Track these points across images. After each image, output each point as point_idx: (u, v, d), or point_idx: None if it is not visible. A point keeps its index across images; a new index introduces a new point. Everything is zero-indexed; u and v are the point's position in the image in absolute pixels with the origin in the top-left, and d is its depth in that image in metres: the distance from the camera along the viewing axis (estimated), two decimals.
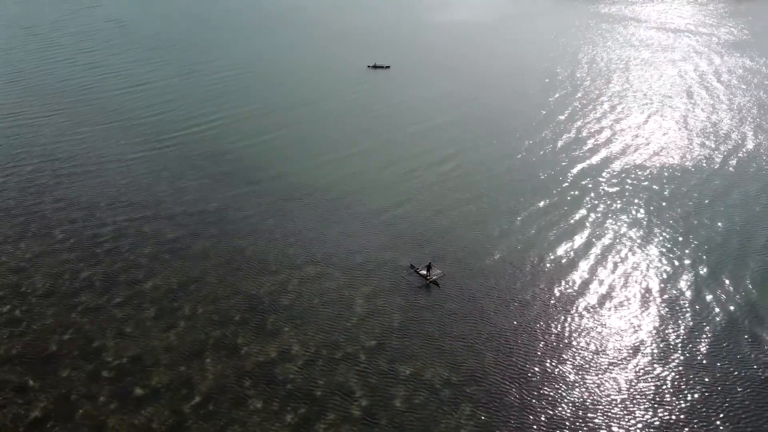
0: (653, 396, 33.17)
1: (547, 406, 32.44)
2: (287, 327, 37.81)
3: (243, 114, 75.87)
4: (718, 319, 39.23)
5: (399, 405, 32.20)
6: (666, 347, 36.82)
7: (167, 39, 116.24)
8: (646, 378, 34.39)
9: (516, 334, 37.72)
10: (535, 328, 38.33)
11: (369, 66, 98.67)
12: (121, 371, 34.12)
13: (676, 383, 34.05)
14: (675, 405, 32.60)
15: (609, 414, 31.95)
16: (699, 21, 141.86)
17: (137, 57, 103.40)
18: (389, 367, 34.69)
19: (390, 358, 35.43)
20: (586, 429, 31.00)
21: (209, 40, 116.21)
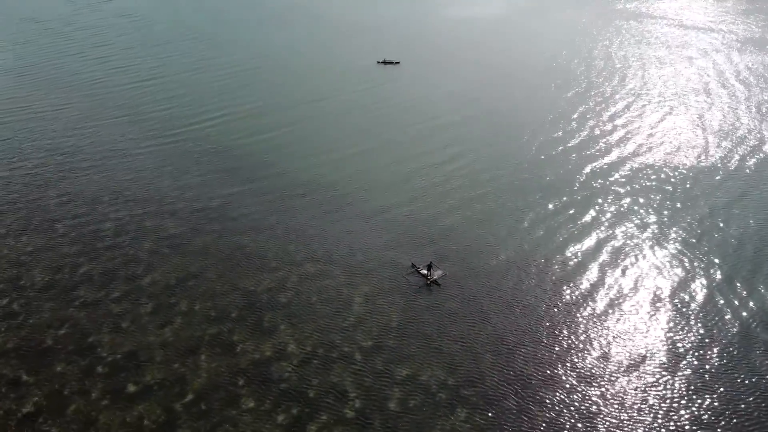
0: (659, 405, 32.17)
1: (546, 411, 31.61)
2: (284, 325, 37.34)
3: (250, 110, 75.46)
4: (730, 327, 38.02)
5: (393, 407, 31.58)
6: (674, 355, 35.73)
7: (179, 33, 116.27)
8: (652, 386, 33.38)
9: (517, 336, 36.88)
10: (538, 331, 37.43)
11: (379, 62, 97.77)
12: (116, 367, 33.89)
13: (683, 392, 33.02)
14: (681, 415, 31.60)
15: (611, 423, 31.05)
16: (717, 17, 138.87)
17: (148, 51, 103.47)
18: (385, 368, 34.06)
19: (386, 358, 34.81)
20: None
21: (220, 34, 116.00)
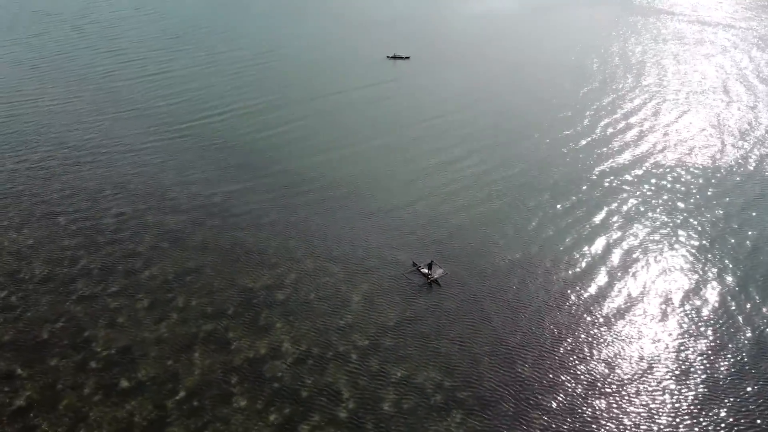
0: (664, 414, 31.28)
1: (545, 417, 30.83)
2: (280, 323, 36.89)
3: (258, 105, 75.01)
4: (743, 335, 36.89)
5: (387, 408, 30.99)
6: (683, 362, 34.72)
7: (191, 27, 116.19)
8: (657, 395, 32.46)
9: (518, 339, 36.08)
10: (541, 334, 36.59)
11: (388, 56, 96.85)
12: (109, 362, 33.67)
13: (690, 401, 32.10)
14: (688, 425, 30.63)
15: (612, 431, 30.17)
16: (736, 13, 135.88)
17: (160, 45, 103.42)
18: (380, 369, 33.47)
19: (382, 358, 34.21)
20: None
21: (232, 28, 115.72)
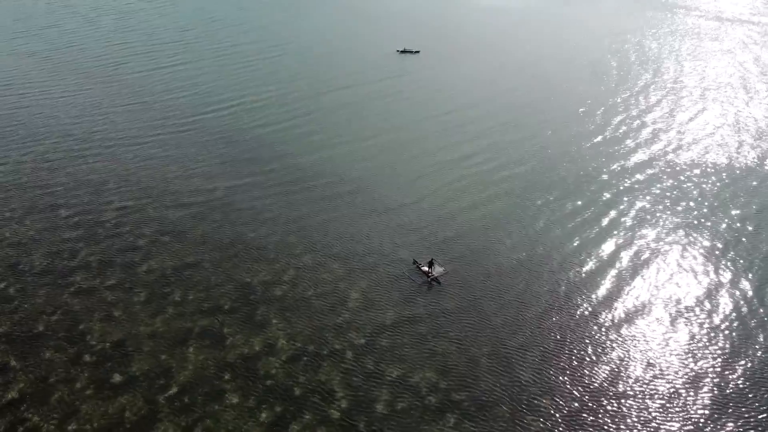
0: (668, 421, 30.42)
1: (542, 420, 30.10)
2: (276, 319, 36.46)
3: (265, 99, 74.61)
4: (757, 342, 35.86)
5: (381, 409, 30.45)
6: (691, 369, 33.88)
7: (202, 19, 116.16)
8: (665, 405, 31.64)
9: (518, 340, 35.33)
10: (544, 337, 35.80)
11: (398, 51, 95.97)
12: (103, 356, 33.47)
13: (698, 409, 31.26)
14: None
15: None
16: (754, 9, 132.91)
17: (171, 37, 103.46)
18: (376, 368, 32.93)
19: (378, 357, 33.66)
20: None
21: (243, 21, 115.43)
